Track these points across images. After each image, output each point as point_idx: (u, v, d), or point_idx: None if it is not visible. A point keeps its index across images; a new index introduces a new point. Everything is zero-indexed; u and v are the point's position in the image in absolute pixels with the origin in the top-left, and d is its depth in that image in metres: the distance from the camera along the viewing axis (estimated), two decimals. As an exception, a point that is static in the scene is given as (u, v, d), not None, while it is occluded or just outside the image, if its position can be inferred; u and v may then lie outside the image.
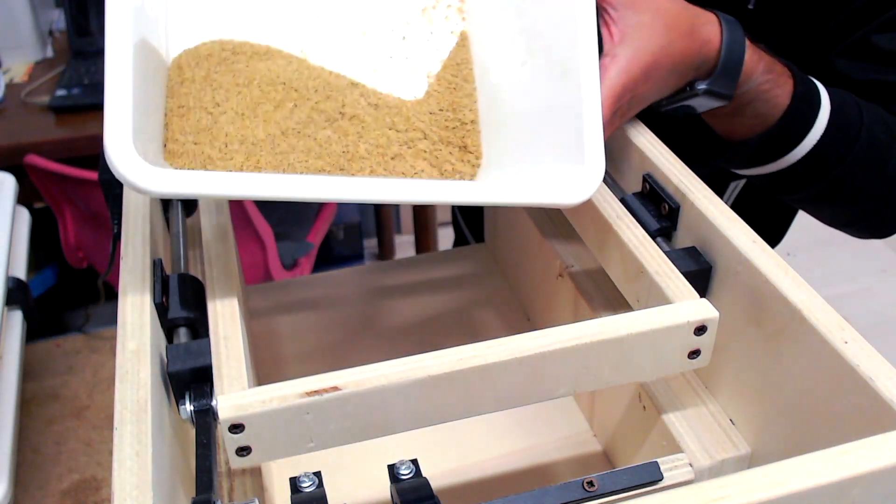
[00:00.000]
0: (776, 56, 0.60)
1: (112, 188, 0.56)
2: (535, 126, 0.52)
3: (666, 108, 0.58)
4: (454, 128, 0.54)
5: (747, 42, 0.57)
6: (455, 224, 1.10)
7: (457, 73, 0.57)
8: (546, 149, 0.50)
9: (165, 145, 0.48)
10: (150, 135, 0.46)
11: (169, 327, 0.45)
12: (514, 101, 0.54)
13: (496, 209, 0.79)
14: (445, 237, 2.09)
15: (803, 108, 0.60)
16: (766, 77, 0.58)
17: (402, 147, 0.52)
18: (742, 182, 0.80)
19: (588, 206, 0.54)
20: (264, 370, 0.71)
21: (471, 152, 0.53)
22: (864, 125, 0.62)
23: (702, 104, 0.58)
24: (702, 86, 0.56)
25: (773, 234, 0.89)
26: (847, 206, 0.67)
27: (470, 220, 1.04)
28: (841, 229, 0.72)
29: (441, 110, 0.55)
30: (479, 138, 0.54)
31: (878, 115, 0.64)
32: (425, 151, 0.52)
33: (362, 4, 0.59)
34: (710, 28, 0.55)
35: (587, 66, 0.49)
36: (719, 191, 0.80)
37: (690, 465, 0.46)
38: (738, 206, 0.81)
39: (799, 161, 0.62)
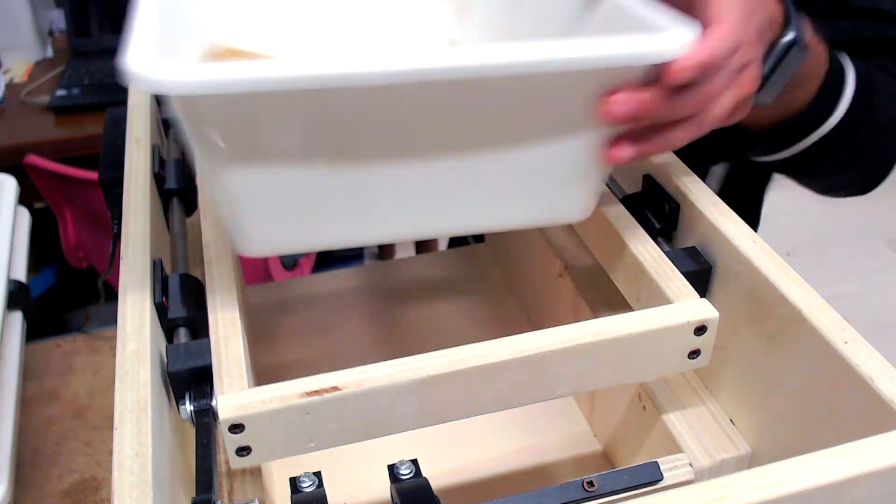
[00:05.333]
0: None
1: (112, 188, 0.56)
2: None
3: (765, 84, 0.53)
4: None
5: None
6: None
7: None
8: None
9: None
10: None
11: (169, 327, 0.45)
12: None
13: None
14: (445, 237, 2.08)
15: (834, 72, 0.59)
16: (810, 30, 0.55)
17: None
18: (726, 166, 0.78)
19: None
20: (264, 370, 0.71)
21: None
22: (875, 83, 0.61)
23: (790, 61, 0.53)
24: (790, 34, 0.51)
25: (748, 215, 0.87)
26: (851, 171, 0.66)
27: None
28: (832, 195, 0.71)
29: None
30: None
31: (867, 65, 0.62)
32: None
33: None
34: None
35: None
36: (699, 174, 0.78)
37: (690, 465, 0.46)
38: (725, 191, 0.80)
39: (829, 131, 0.60)
